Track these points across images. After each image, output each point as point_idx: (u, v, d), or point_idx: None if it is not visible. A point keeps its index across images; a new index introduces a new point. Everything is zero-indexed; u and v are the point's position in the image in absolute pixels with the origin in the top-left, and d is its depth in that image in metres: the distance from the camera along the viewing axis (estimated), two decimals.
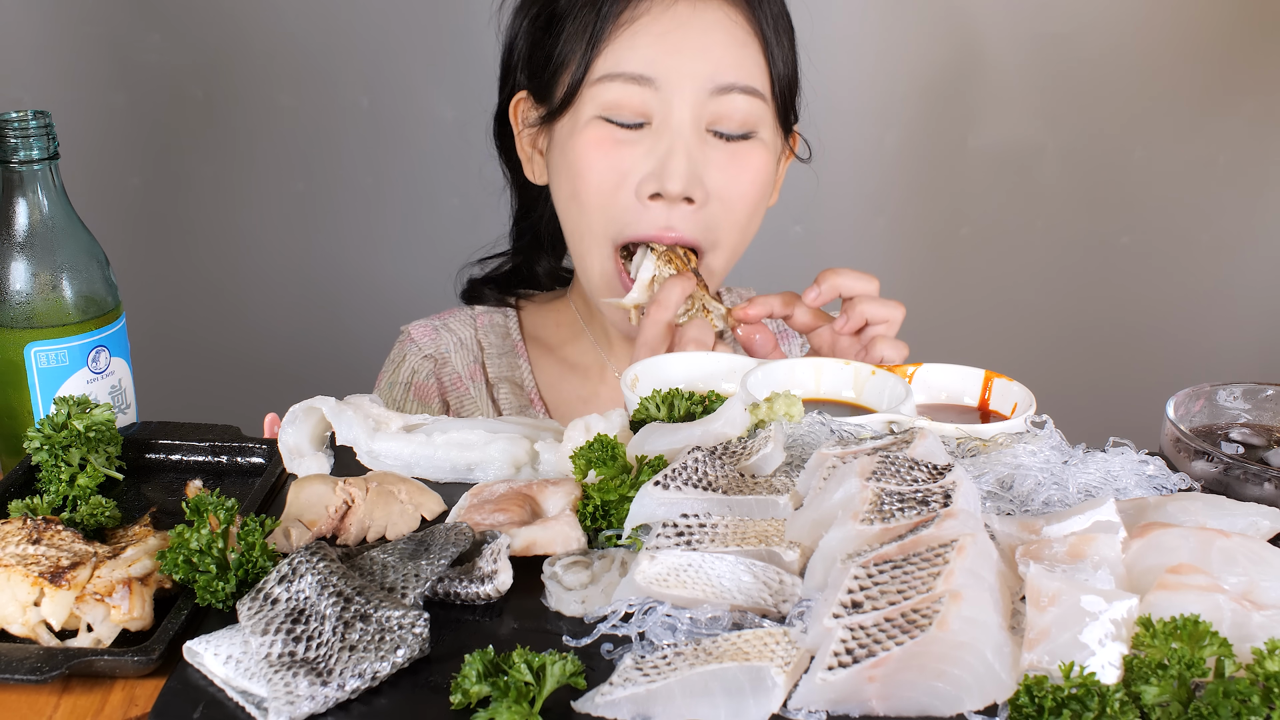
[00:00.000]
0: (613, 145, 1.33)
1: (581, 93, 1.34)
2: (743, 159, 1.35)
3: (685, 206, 1.33)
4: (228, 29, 2.28)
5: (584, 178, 1.34)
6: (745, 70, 1.34)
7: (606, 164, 1.33)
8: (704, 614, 0.79)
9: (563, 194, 1.40)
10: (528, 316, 1.60)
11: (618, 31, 1.31)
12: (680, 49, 1.31)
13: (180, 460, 1.11)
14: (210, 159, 2.36)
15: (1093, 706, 0.68)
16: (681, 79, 1.31)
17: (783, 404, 1.00)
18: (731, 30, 1.33)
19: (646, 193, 1.32)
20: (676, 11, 1.31)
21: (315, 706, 0.73)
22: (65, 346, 1.11)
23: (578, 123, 1.35)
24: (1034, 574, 0.77)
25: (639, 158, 1.32)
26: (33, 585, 0.82)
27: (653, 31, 1.31)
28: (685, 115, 1.32)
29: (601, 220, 1.35)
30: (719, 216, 1.35)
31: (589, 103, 1.34)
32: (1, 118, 1.09)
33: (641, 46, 1.31)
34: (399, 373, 1.54)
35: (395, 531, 0.94)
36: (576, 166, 1.35)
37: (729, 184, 1.35)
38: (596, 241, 1.37)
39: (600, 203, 1.35)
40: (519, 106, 1.46)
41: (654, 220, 1.33)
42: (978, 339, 2.51)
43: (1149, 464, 0.98)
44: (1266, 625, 0.75)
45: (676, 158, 1.31)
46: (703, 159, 1.33)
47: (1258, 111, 2.40)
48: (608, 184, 1.34)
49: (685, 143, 1.32)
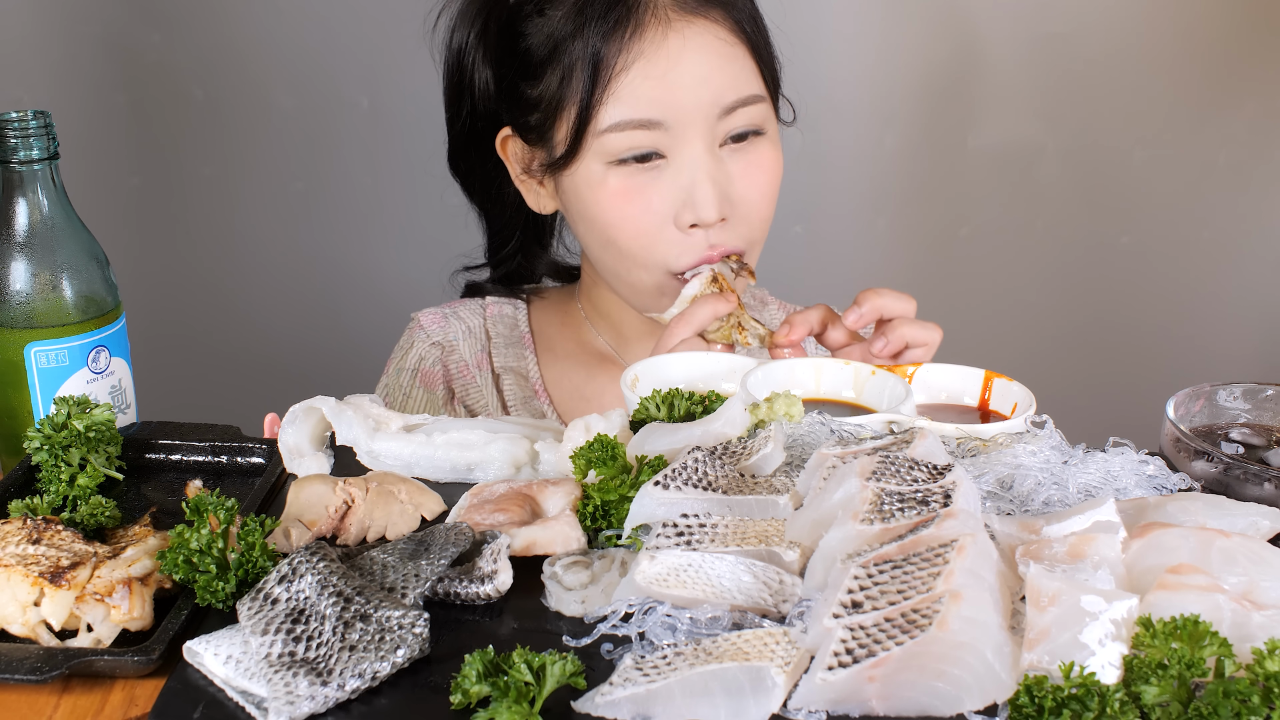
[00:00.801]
0: (637, 191, 1.32)
1: (587, 142, 1.32)
2: (757, 159, 1.36)
3: (720, 225, 1.34)
4: (228, 29, 2.28)
5: (620, 227, 1.34)
6: (744, 82, 1.34)
7: (636, 210, 1.33)
8: (704, 614, 0.79)
9: (595, 238, 1.39)
10: (536, 309, 1.60)
11: (616, 79, 1.30)
12: (680, 84, 1.30)
13: (180, 460, 1.11)
14: (210, 159, 2.36)
15: (1093, 706, 0.68)
16: (689, 114, 1.30)
17: (783, 404, 1.00)
18: (722, 49, 1.33)
19: (685, 224, 1.32)
20: (669, 47, 1.30)
21: (315, 706, 0.73)
22: (65, 346, 1.11)
23: (591, 175, 1.34)
24: (1034, 574, 0.77)
25: (665, 192, 1.32)
26: (33, 585, 0.82)
27: (652, 75, 1.30)
28: (699, 146, 1.32)
29: (646, 258, 1.35)
30: (750, 219, 1.36)
31: (596, 152, 1.33)
32: (1, 118, 1.09)
33: (644, 92, 1.30)
34: (406, 359, 1.55)
35: (395, 531, 0.94)
36: (607, 218, 1.35)
37: (751, 188, 1.35)
38: (648, 270, 1.37)
39: (643, 244, 1.34)
40: (506, 144, 1.45)
41: (698, 245, 1.33)
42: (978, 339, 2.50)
43: (1149, 464, 0.98)
44: (1266, 625, 0.75)
45: (702, 188, 1.31)
46: (724, 177, 1.33)
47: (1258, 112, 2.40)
48: (645, 226, 1.33)
49: (706, 170, 1.32)
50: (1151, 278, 2.51)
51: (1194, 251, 2.50)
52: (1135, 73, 2.38)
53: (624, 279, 1.41)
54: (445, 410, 1.53)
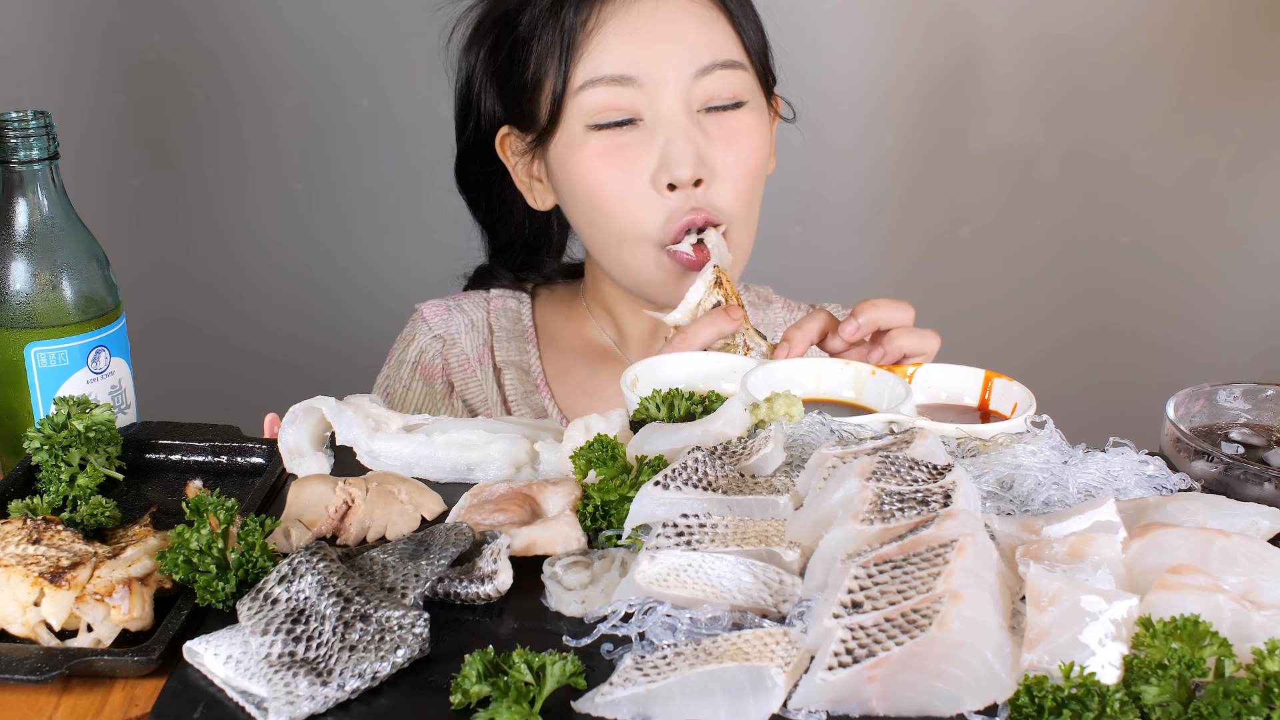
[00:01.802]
0: (615, 152, 1.35)
1: (566, 105, 1.35)
2: (737, 128, 1.37)
3: (698, 190, 1.34)
4: (228, 29, 2.28)
5: (600, 190, 1.36)
6: (720, 46, 1.36)
7: (615, 170, 1.35)
8: (704, 614, 0.79)
9: (582, 211, 1.41)
10: (541, 303, 1.61)
11: (588, 39, 1.33)
12: (653, 42, 1.33)
13: (180, 460, 1.11)
14: (210, 159, 2.36)
15: (1093, 706, 0.68)
16: (662, 71, 1.33)
17: (783, 404, 1.00)
18: (697, 12, 1.36)
19: (663, 184, 1.33)
20: (640, 8, 1.34)
21: (315, 706, 0.73)
22: (65, 346, 1.11)
23: (572, 140, 1.36)
24: (1034, 574, 0.77)
25: (642, 154, 1.34)
26: (33, 585, 0.82)
27: (622, 31, 1.33)
28: (675, 104, 1.33)
29: (632, 222, 1.36)
30: (728, 190, 1.37)
31: (575, 115, 1.35)
32: (1, 118, 1.09)
33: (615, 48, 1.33)
34: (407, 351, 1.57)
35: (395, 531, 0.94)
36: (588, 181, 1.36)
37: (730, 155, 1.36)
38: (638, 244, 1.38)
39: (626, 207, 1.36)
40: (505, 142, 1.48)
41: (680, 207, 1.34)
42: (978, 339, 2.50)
43: (1149, 464, 0.98)
44: (1266, 625, 0.75)
45: (676, 145, 1.33)
46: (703, 139, 1.34)
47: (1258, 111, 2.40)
48: (627, 189, 1.35)
49: (682, 129, 1.33)
50: (1151, 278, 2.51)
51: (1194, 251, 2.50)
52: (1135, 73, 2.38)
53: (618, 260, 1.41)
54: (444, 403, 1.54)
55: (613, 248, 1.41)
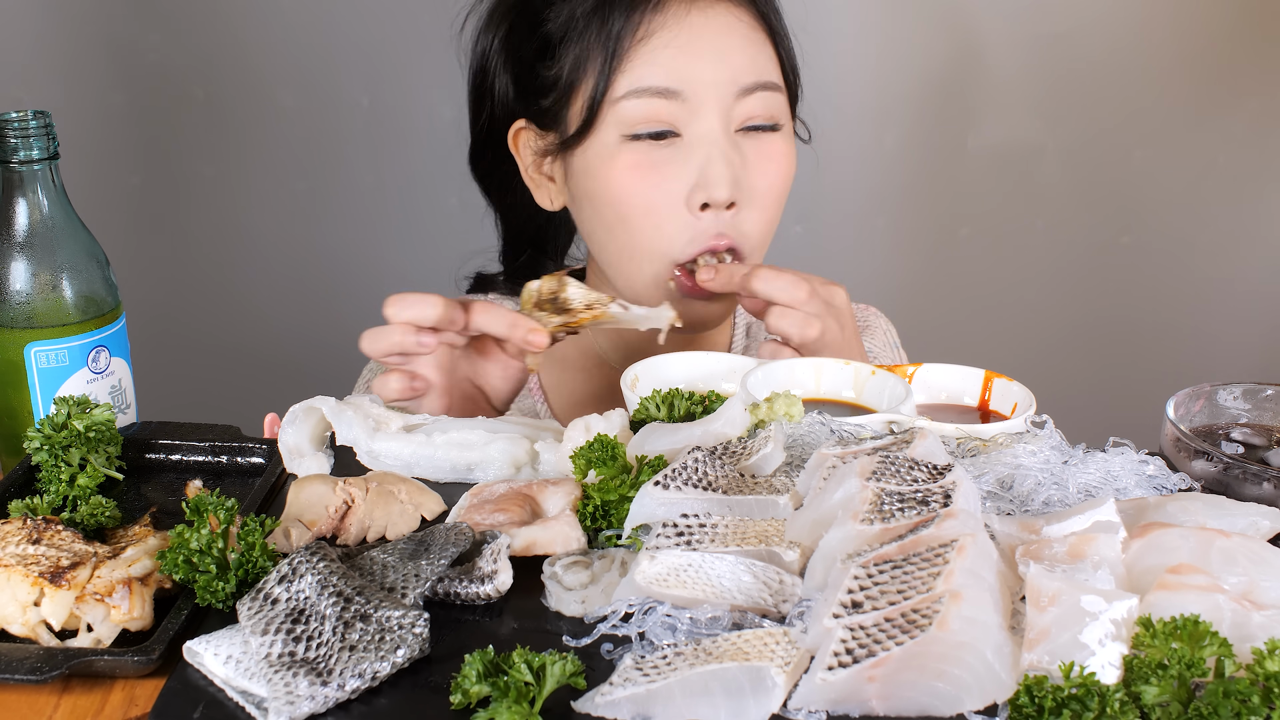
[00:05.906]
0: (651, 167, 1.31)
1: (602, 112, 1.32)
2: (772, 153, 1.36)
3: (728, 212, 1.33)
4: (228, 29, 2.28)
5: (628, 202, 1.33)
6: (763, 67, 1.34)
7: (650, 185, 1.32)
8: (704, 614, 0.79)
9: (602, 220, 1.38)
10: None
11: (636, 48, 1.30)
12: (700, 57, 1.30)
13: (180, 460, 1.11)
14: (210, 159, 2.36)
15: (1093, 706, 0.68)
16: (706, 87, 1.30)
17: (783, 404, 1.00)
18: (744, 31, 1.33)
19: (697, 203, 1.31)
20: (691, 21, 1.31)
21: (315, 706, 0.73)
22: (65, 346, 1.11)
23: (604, 149, 1.33)
24: (1034, 574, 0.77)
25: (678, 172, 1.31)
26: (33, 585, 0.82)
27: (672, 44, 1.30)
28: (715, 123, 1.31)
29: (656, 238, 1.34)
30: (757, 216, 1.35)
31: (612, 123, 1.32)
32: (1, 118, 1.09)
33: (663, 60, 1.30)
34: None
35: (395, 531, 0.94)
36: (617, 193, 1.33)
37: (763, 178, 1.34)
38: (651, 259, 1.35)
39: (654, 223, 1.33)
40: (519, 136, 1.44)
41: (706, 230, 1.32)
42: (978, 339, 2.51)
43: (1149, 464, 0.98)
44: (1266, 625, 0.75)
45: (716, 165, 1.30)
46: (738, 159, 1.32)
47: (1258, 112, 2.41)
48: (657, 204, 1.32)
49: (721, 149, 1.31)
50: (1151, 278, 2.51)
51: (1194, 251, 2.50)
52: (1135, 73, 2.38)
53: (623, 271, 1.39)
54: None
55: (625, 260, 1.38)
